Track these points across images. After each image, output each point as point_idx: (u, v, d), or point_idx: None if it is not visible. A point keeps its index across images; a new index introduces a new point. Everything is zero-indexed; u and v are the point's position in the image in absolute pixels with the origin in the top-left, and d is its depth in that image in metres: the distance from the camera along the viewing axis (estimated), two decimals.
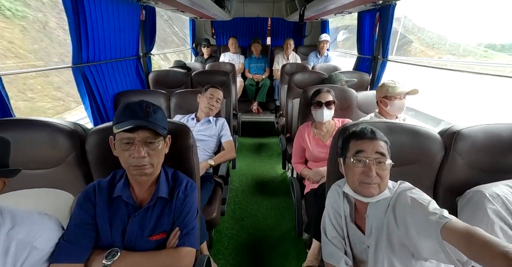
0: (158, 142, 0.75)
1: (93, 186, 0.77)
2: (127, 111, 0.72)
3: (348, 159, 0.76)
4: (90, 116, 1.46)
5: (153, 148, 0.74)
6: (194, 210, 0.81)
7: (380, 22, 1.97)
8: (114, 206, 0.75)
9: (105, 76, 1.61)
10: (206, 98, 1.62)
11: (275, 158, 2.79)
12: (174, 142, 0.89)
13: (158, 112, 0.77)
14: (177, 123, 0.92)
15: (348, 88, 1.65)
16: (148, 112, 0.73)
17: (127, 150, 0.71)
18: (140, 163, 0.72)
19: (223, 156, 1.56)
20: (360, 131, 0.77)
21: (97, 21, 1.42)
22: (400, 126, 0.87)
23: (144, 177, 0.76)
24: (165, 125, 0.78)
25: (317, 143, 1.49)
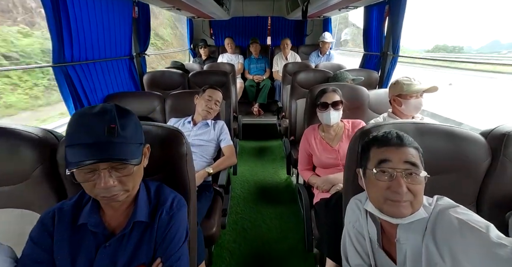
0: (132, 166, 0.57)
1: (51, 212, 0.61)
2: (82, 128, 0.54)
3: (370, 170, 0.62)
4: None
5: (125, 173, 0.57)
6: (182, 234, 0.66)
7: (389, 16, 1.84)
8: (78, 236, 0.60)
9: (93, 77, 1.48)
10: (203, 100, 1.48)
11: (278, 162, 2.64)
12: (165, 149, 0.75)
13: (129, 125, 0.58)
14: (168, 128, 0.78)
15: (358, 86, 1.51)
16: (113, 129, 0.54)
17: (90, 181, 0.55)
18: (109, 193, 0.56)
19: (222, 163, 1.42)
20: (382, 136, 0.63)
21: (82, 16, 1.30)
22: (433, 128, 0.73)
23: (118, 202, 0.61)
24: (140, 140, 0.61)
25: (325, 148, 1.34)
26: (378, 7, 2.00)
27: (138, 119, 0.65)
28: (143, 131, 0.71)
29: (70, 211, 0.61)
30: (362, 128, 0.79)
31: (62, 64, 1.21)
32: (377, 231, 0.66)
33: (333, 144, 1.35)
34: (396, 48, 1.82)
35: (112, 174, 0.56)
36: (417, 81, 1.35)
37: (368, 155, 0.64)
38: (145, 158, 0.66)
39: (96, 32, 1.45)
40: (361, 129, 0.80)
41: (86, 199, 0.64)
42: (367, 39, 2.29)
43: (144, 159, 0.66)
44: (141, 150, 0.61)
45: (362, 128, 0.80)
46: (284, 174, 2.39)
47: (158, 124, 0.78)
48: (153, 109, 1.64)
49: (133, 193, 0.63)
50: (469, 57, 12.96)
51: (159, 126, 0.77)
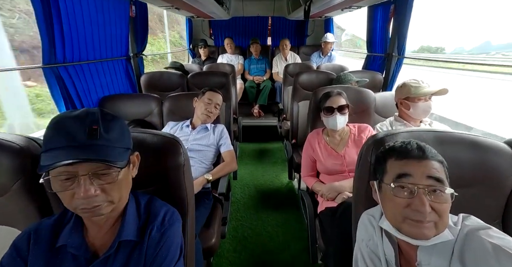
0: (116, 171, 0.52)
1: (26, 233, 0.54)
2: (60, 132, 0.48)
3: (386, 185, 0.55)
4: None
5: (109, 180, 0.51)
6: (174, 252, 0.59)
7: (395, 16, 1.79)
8: (56, 260, 0.53)
9: (88, 78, 1.42)
10: (203, 104, 1.42)
11: (279, 165, 2.58)
12: (160, 159, 0.69)
13: (114, 128, 0.53)
14: (163, 136, 0.71)
15: (364, 89, 1.45)
16: (95, 131, 0.49)
17: (68, 189, 0.49)
18: (90, 204, 0.49)
19: (222, 169, 1.36)
20: (401, 147, 0.57)
21: (75, 14, 1.23)
22: (455, 137, 0.67)
23: (102, 217, 0.54)
24: (127, 145, 0.55)
25: (330, 153, 1.28)
26: (383, 7, 1.95)
27: (126, 124, 0.60)
28: (136, 140, 0.65)
29: (49, 231, 0.54)
30: (375, 136, 0.73)
31: (53, 65, 1.14)
32: (395, 252, 0.59)
33: (339, 149, 1.28)
34: (401, 49, 1.77)
35: (94, 182, 0.49)
36: (425, 83, 1.29)
37: (384, 167, 0.57)
38: (133, 167, 0.60)
39: (91, 32, 1.38)
40: (374, 137, 0.73)
41: (69, 216, 0.57)
42: (371, 40, 2.23)
43: (133, 169, 0.60)
44: (127, 155, 0.55)
45: (374, 136, 0.74)
46: (285, 178, 2.33)
47: (152, 131, 0.72)
48: (150, 112, 1.57)
49: (120, 207, 0.57)
50: (456, 58, 13.38)
51: (153, 134, 0.70)
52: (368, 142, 0.74)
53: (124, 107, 1.54)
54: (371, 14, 2.16)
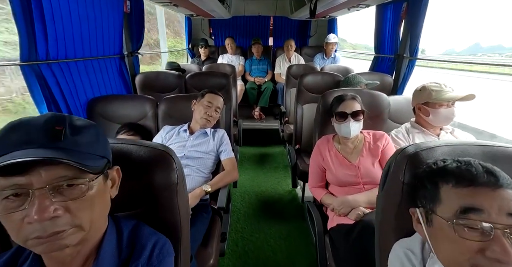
0: (86, 182, 0.40)
1: None
2: (14, 135, 0.38)
3: (443, 220, 0.43)
4: None
5: (75, 195, 0.39)
6: None
7: (407, 14, 1.68)
8: None
9: (75, 77, 1.29)
10: (202, 107, 1.29)
11: (281, 170, 2.46)
12: (148, 175, 0.57)
13: (86, 132, 0.43)
14: (152, 147, 0.59)
15: (377, 92, 1.33)
16: (58, 132, 0.39)
17: (16, 211, 0.36)
18: (47, 229, 0.36)
19: (222, 179, 1.23)
20: (461, 169, 0.44)
21: (61, 8, 1.11)
22: (509, 152, 0.55)
23: (67, 250, 0.41)
24: (102, 153, 0.45)
25: (342, 163, 1.16)
26: (394, 6, 1.84)
27: (119, 127, 0.49)
28: (118, 152, 0.53)
29: None
30: (406, 150, 0.61)
31: (34, 62, 1.02)
32: None
33: (352, 158, 1.16)
34: (414, 51, 1.66)
35: (54, 197, 0.37)
36: (448, 87, 1.18)
37: (436, 194, 0.45)
38: (113, 185, 0.48)
39: (79, 27, 1.26)
40: (404, 151, 0.61)
41: (26, 253, 0.45)
42: (379, 40, 2.13)
43: (113, 187, 0.48)
44: (103, 164, 0.43)
45: (405, 150, 0.61)
46: (288, 185, 2.20)
47: (138, 142, 0.59)
48: (145, 115, 1.44)
49: (94, 236, 0.44)
50: (469, 59, 14.18)
51: (140, 145, 0.58)
52: (396, 156, 0.62)
53: (116, 109, 1.41)
54: (380, 13, 2.05)
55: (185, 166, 1.22)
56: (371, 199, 1.06)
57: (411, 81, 1.84)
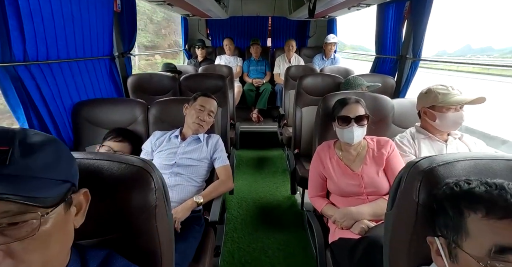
0: (37, 217, 0.32)
1: None
2: None
3: (472, 257, 0.35)
4: None
5: (22, 234, 0.31)
6: None
7: (410, 14, 1.61)
8: None
9: (59, 80, 1.21)
10: (194, 111, 1.22)
11: (280, 175, 2.38)
12: (123, 196, 0.48)
13: (42, 151, 0.35)
14: (128, 163, 0.50)
15: (380, 96, 1.26)
16: (3, 154, 0.31)
17: None
18: None
19: (216, 189, 1.15)
20: (492, 195, 0.36)
21: (41, 6, 1.03)
22: None
23: None
24: (63, 176, 0.36)
25: (345, 172, 1.08)
26: (396, 5, 1.77)
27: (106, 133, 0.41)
28: (86, 170, 0.45)
29: None
30: (419, 165, 0.53)
31: (8, 63, 0.93)
32: None
33: (355, 166, 1.09)
34: (417, 52, 1.59)
35: None
36: (456, 90, 1.10)
37: (463, 225, 0.37)
38: (79, 211, 0.40)
39: (62, 26, 1.18)
40: (417, 166, 0.53)
41: None
42: (381, 41, 2.06)
43: (78, 214, 0.40)
44: (63, 190, 0.35)
45: (417, 164, 0.53)
46: (286, 190, 2.12)
47: (112, 157, 0.51)
48: (134, 119, 1.36)
49: None
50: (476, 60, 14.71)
51: (113, 161, 0.49)
52: (408, 171, 0.55)
53: (103, 113, 1.33)
54: (381, 12, 1.98)
55: (175, 174, 1.14)
56: (376, 210, 0.99)
57: (413, 83, 1.77)
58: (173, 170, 1.14)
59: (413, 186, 0.51)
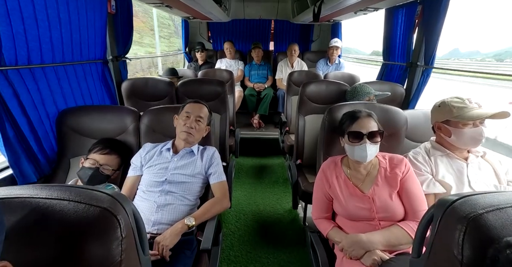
0: None
1: None
2: None
3: None
4: (3, 150, 0.93)
5: None
6: None
7: (422, 18, 1.51)
8: None
9: (42, 86, 1.11)
10: (181, 119, 1.12)
11: (281, 185, 2.26)
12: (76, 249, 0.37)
13: None
14: (87, 202, 0.39)
15: (393, 107, 1.15)
16: None
17: None
18: None
19: (210, 209, 1.04)
20: None
21: (20, 4, 0.93)
22: None
23: None
24: None
25: (353, 193, 0.97)
26: (406, 9, 1.67)
27: None
28: (32, 211, 0.35)
29: None
30: (458, 209, 0.42)
31: None
32: None
33: (365, 188, 0.97)
34: (430, 59, 1.48)
35: None
36: (474, 103, 0.99)
37: None
38: None
39: (47, 28, 1.08)
40: (455, 209, 0.42)
41: None
42: (389, 46, 1.95)
43: None
44: None
45: (455, 208, 0.42)
46: (288, 202, 2.01)
47: (70, 192, 0.40)
48: (125, 129, 1.26)
49: None
50: None
51: (70, 200, 0.39)
52: (443, 213, 0.43)
53: (91, 122, 1.23)
54: (390, 17, 1.88)
55: (166, 192, 1.03)
56: (390, 239, 0.87)
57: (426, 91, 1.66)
58: (163, 188, 1.03)
59: (453, 237, 0.40)
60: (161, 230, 0.96)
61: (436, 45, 1.42)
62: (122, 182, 1.14)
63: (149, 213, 0.98)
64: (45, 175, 1.11)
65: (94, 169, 1.03)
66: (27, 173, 1.00)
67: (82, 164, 1.06)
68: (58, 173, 1.14)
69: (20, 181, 0.99)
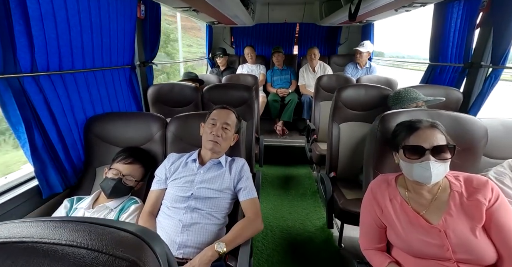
0: None
1: None
2: None
3: None
4: (31, 159, 0.90)
5: None
6: None
7: (491, 11, 1.28)
8: None
9: (72, 93, 1.08)
10: (207, 127, 1.01)
11: (309, 199, 2.08)
12: None
13: None
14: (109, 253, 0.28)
15: (468, 116, 0.94)
16: None
17: None
18: None
19: (242, 233, 0.90)
20: None
21: (54, 8, 0.91)
22: None
23: None
24: None
25: (415, 222, 0.78)
26: (466, 1, 1.44)
27: None
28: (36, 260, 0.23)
29: None
30: None
31: (12, 75, 0.80)
32: None
33: (432, 217, 0.78)
34: (502, 57, 1.23)
35: None
36: None
37: None
38: None
39: (79, 34, 1.06)
40: None
41: None
42: (439, 46, 1.72)
43: None
44: None
45: None
46: (318, 218, 1.82)
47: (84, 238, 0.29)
48: (151, 137, 1.19)
49: None
50: None
51: (84, 248, 0.28)
52: None
53: (117, 130, 1.17)
54: (441, 12, 1.65)
55: (192, 209, 0.92)
56: None
57: None
58: (189, 204, 0.93)
59: None
60: (187, 255, 0.84)
61: (510, 41, 1.18)
62: (146, 194, 1.06)
63: (174, 234, 0.87)
64: (71, 185, 1.06)
65: (117, 180, 0.96)
66: (53, 183, 0.96)
67: (105, 174, 1.00)
68: (84, 183, 1.09)
69: (45, 192, 0.95)
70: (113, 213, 0.93)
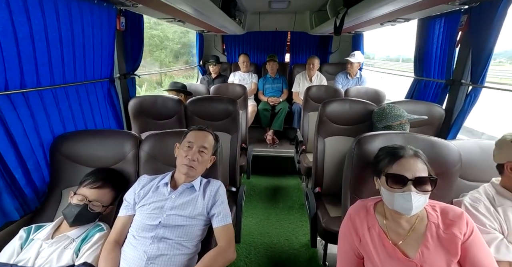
0: None
1: None
2: None
3: None
4: None
5: None
6: None
7: (469, 30, 1.27)
8: None
9: (36, 111, 1.02)
10: (182, 150, 0.96)
11: (296, 212, 2.04)
12: None
13: None
14: None
15: (444, 141, 0.92)
16: None
17: None
18: None
19: (211, 265, 0.84)
20: None
21: (14, 23, 0.86)
22: None
23: None
24: None
25: (393, 254, 0.74)
26: (446, 19, 1.44)
27: None
28: None
29: None
30: None
31: None
32: None
33: (408, 248, 0.74)
34: (480, 76, 1.23)
35: None
36: None
37: None
38: None
39: (45, 49, 1.01)
40: None
41: None
42: (423, 61, 1.71)
43: None
44: None
45: None
46: (305, 234, 1.78)
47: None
48: (123, 157, 1.13)
49: None
50: None
51: None
52: None
53: (87, 149, 1.12)
54: (424, 28, 1.66)
55: (159, 239, 0.87)
56: None
57: None
58: (157, 233, 0.87)
59: None
60: None
61: (488, 60, 1.18)
62: (115, 218, 1.00)
63: None
64: (31, 211, 1.00)
65: (82, 207, 0.90)
66: (8, 210, 0.90)
67: (70, 200, 0.94)
68: (48, 206, 1.03)
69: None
70: (74, 243, 0.87)
